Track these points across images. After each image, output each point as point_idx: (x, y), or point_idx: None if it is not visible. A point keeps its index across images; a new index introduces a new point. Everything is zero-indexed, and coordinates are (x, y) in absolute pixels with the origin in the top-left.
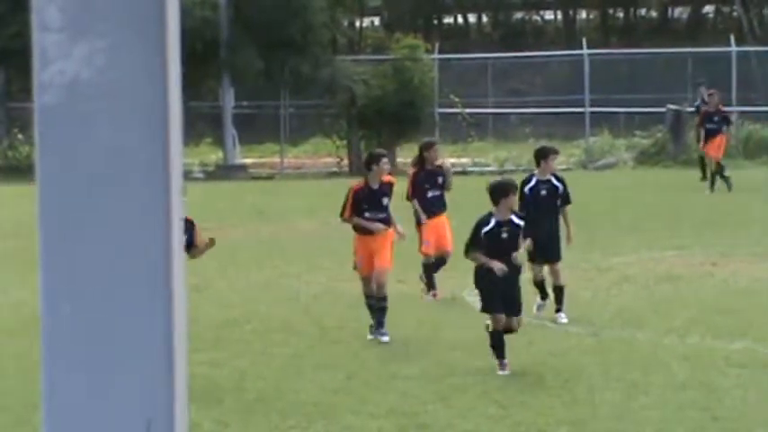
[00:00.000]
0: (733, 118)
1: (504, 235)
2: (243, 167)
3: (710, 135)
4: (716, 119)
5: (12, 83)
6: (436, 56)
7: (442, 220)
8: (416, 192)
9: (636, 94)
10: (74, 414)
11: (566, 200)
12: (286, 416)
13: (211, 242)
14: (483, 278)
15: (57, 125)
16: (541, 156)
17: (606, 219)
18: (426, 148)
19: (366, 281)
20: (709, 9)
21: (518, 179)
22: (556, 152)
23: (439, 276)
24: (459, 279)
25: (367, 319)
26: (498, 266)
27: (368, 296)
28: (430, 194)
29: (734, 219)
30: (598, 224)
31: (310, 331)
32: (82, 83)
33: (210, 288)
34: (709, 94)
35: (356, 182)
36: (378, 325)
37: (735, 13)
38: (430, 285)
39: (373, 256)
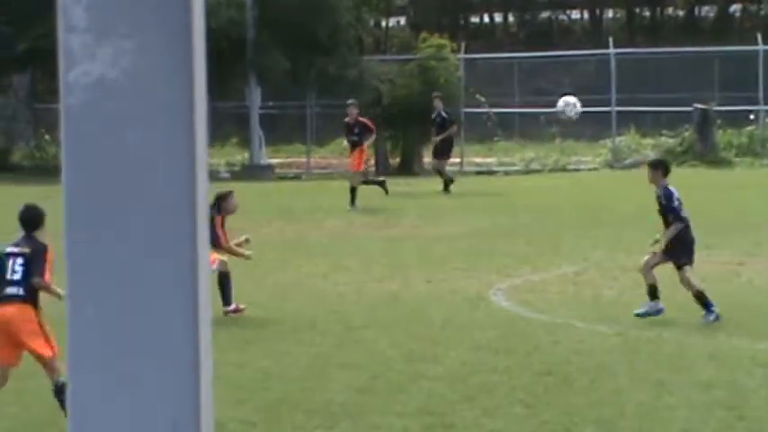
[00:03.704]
0: (760, 116)
1: None
2: (269, 167)
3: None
4: (356, 130)
5: (38, 84)
6: (462, 55)
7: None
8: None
9: (662, 93)
10: (99, 415)
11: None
12: (311, 416)
13: (246, 241)
14: None
15: (83, 126)
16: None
17: (632, 218)
18: (224, 197)
19: None
20: (735, 8)
21: (543, 179)
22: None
23: (463, 276)
24: (484, 279)
25: (394, 316)
26: None
27: None
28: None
29: (760, 218)
30: (624, 223)
31: (336, 331)
32: (107, 83)
33: (236, 288)
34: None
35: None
36: None
37: (762, 12)
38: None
39: None
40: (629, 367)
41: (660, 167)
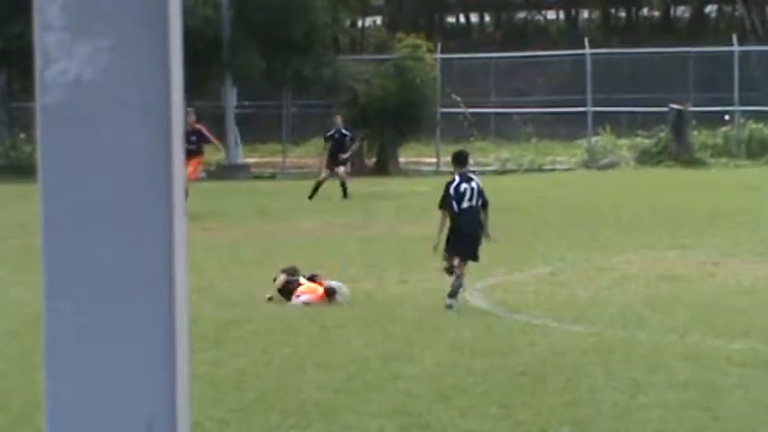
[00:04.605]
0: (735, 117)
1: None
2: (245, 167)
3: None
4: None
5: (14, 82)
6: (438, 55)
7: None
8: None
9: (638, 93)
10: (75, 414)
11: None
12: (286, 415)
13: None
14: None
15: (59, 125)
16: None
17: (608, 218)
18: None
19: None
20: (711, 8)
21: (518, 179)
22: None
23: (438, 276)
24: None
25: (370, 316)
26: None
27: None
28: None
29: (735, 218)
30: (600, 223)
31: (311, 331)
32: (84, 82)
33: (211, 288)
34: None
35: None
36: None
37: (737, 13)
38: None
39: None
40: (605, 367)
41: (453, 159)
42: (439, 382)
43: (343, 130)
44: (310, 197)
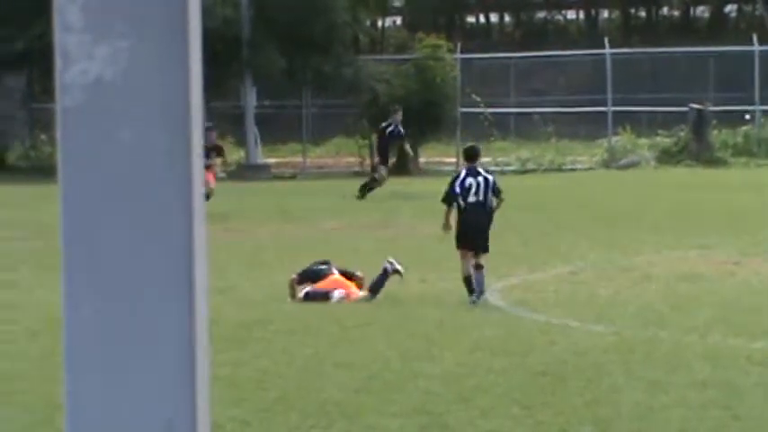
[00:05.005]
0: (756, 116)
1: None
2: (265, 167)
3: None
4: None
5: (34, 84)
6: (458, 55)
7: None
8: None
9: (658, 93)
10: (95, 414)
11: None
12: (307, 416)
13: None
14: None
15: (79, 126)
16: None
17: (628, 218)
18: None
19: None
20: (731, 8)
21: (539, 179)
22: None
23: (458, 276)
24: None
25: (390, 316)
26: None
27: None
28: None
29: (756, 218)
30: (620, 223)
31: (332, 331)
32: (104, 83)
33: (233, 288)
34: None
35: None
36: None
37: (757, 12)
38: None
39: None
40: (625, 367)
41: (463, 154)
42: (459, 382)
43: (401, 127)
44: (362, 196)
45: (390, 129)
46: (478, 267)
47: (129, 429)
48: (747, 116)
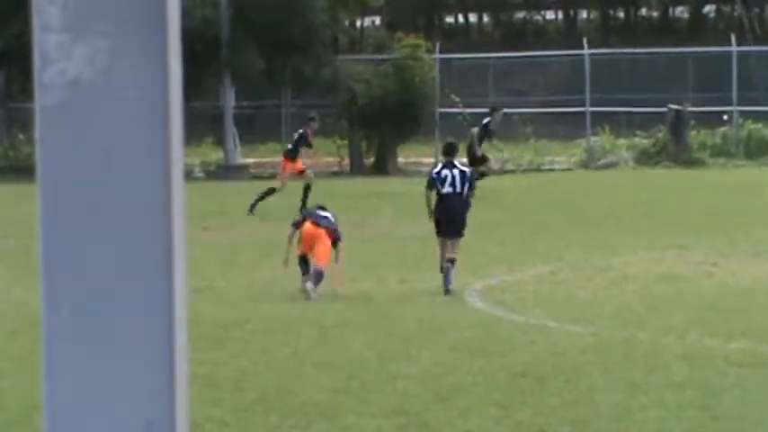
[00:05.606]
0: (734, 117)
1: None
2: (244, 167)
3: None
4: None
5: (12, 83)
6: (437, 55)
7: None
8: None
9: (637, 93)
10: (74, 414)
11: None
12: (286, 416)
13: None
14: None
15: (57, 126)
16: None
17: (606, 218)
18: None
19: None
20: (709, 9)
21: (517, 179)
22: None
23: (437, 276)
24: (459, 279)
25: (369, 316)
26: None
27: None
28: None
29: (734, 219)
30: (598, 224)
31: (310, 331)
32: (83, 83)
33: (211, 288)
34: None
35: None
36: None
37: (735, 13)
38: None
39: None
40: (604, 368)
41: (442, 149)
42: (438, 382)
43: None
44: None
45: (491, 127)
46: (451, 261)
47: (107, 429)
48: (725, 117)
